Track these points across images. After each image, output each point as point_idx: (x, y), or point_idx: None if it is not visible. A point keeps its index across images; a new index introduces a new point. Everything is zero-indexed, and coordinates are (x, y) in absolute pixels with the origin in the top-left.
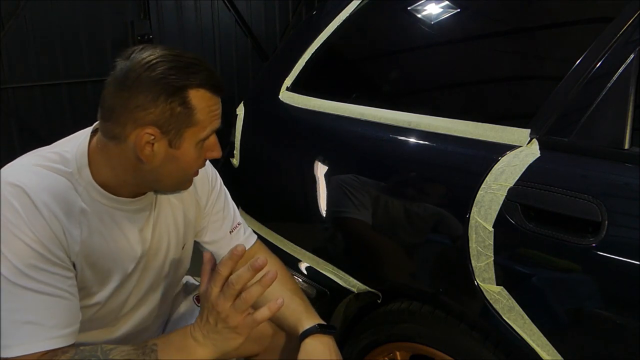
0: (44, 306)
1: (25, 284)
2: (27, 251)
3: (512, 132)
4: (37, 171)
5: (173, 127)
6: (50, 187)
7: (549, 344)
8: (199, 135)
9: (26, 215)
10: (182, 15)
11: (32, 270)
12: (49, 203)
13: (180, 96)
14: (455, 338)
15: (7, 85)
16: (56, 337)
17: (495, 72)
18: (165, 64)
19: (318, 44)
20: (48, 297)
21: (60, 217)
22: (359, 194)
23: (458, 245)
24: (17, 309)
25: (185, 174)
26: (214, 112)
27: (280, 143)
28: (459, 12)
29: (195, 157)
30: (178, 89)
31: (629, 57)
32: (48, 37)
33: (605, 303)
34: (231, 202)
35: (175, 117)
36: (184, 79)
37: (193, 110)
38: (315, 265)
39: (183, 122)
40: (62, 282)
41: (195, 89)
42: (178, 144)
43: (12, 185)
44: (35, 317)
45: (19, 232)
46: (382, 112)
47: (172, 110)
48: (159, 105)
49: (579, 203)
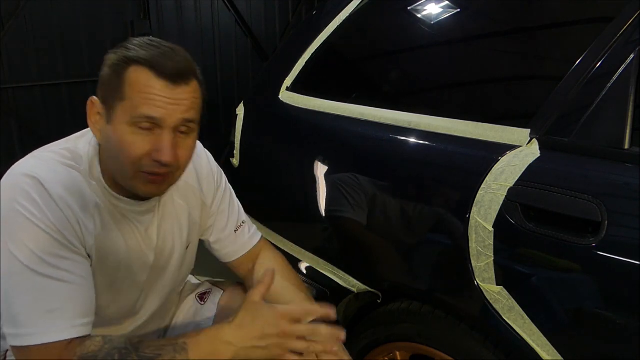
0: (65, 294)
1: (46, 271)
2: (47, 239)
3: (512, 132)
4: (51, 165)
5: (108, 97)
6: (64, 180)
7: (549, 344)
8: (128, 113)
9: (44, 204)
10: (182, 15)
11: (52, 258)
12: (63, 195)
13: (121, 67)
14: (455, 338)
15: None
16: (78, 325)
17: (495, 72)
18: (136, 43)
19: (318, 44)
20: (68, 284)
21: (75, 210)
22: (359, 194)
23: (458, 245)
24: (38, 297)
25: (123, 161)
26: (149, 94)
27: (280, 143)
28: (459, 12)
29: (127, 140)
30: (122, 60)
31: (629, 57)
32: (48, 37)
33: (605, 303)
34: (236, 200)
35: (110, 87)
36: (133, 54)
37: (124, 82)
38: (315, 265)
39: (114, 93)
40: (81, 270)
41: (137, 65)
42: (111, 119)
43: (28, 177)
44: (58, 304)
45: (38, 221)
46: (382, 112)
47: (110, 79)
48: (106, 76)
49: (579, 203)
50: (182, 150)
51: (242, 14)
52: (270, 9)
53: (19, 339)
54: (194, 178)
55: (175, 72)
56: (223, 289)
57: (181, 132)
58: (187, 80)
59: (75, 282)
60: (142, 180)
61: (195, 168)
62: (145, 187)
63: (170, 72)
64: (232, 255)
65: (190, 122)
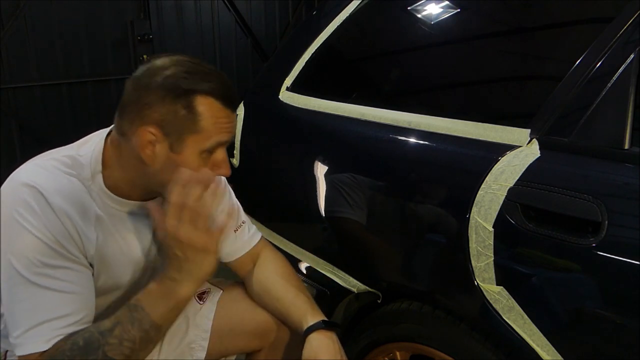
0: (59, 303)
1: (43, 282)
2: (45, 249)
3: (512, 132)
4: (52, 173)
5: (175, 130)
6: (65, 189)
7: (549, 344)
8: (202, 144)
9: (43, 214)
10: (182, 15)
11: (50, 269)
12: (63, 205)
13: (187, 99)
14: (455, 338)
15: (7, 85)
16: (68, 325)
17: (495, 72)
18: (180, 67)
19: (318, 44)
20: (65, 294)
21: (75, 219)
22: (359, 194)
23: (458, 245)
24: (33, 308)
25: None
26: (221, 123)
27: (280, 143)
28: (458, 12)
29: (196, 167)
30: (185, 91)
31: (629, 57)
32: (48, 37)
33: (605, 303)
34: (235, 201)
35: (178, 120)
36: (194, 83)
37: (197, 116)
38: (315, 265)
39: (186, 126)
40: (79, 279)
41: (203, 96)
42: (179, 149)
43: (28, 186)
44: (51, 315)
45: (36, 231)
46: (382, 112)
47: (176, 112)
48: (164, 105)
49: (579, 203)
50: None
51: (242, 14)
52: (270, 9)
53: (15, 348)
54: None
55: (235, 100)
56: (222, 289)
57: None
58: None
59: (71, 291)
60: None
61: None
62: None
63: (233, 101)
64: (232, 255)
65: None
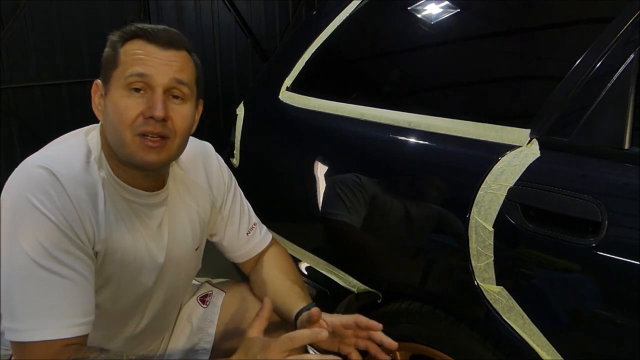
0: (67, 292)
1: (52, 267)
2: (58, 234)
3: (512, 132)
4: (66, 158)
5: (105, 73)
6: (78, 175)
7: (549, 344)
8: (122, 76)
9: (58, 198)
10: (182, 15)
11: (60, 253)
12: (77, 190)
13: (118, 42)
14: (455, 338)
15: (7, 85)
16: (76, 325)
17: (496, 72)
18: (132, 25)
19: (318, 44)
20: (71, 282)
21: (87, 205)
22: (359, 194)
23: (458, 245)
24: (40, 292)
25: (119, 128)
26: (138, 54)
27: (280, 143)
28: (458, 12)
29: (122, 104)
30: (118, 36)
31: (629, 57)
32: (48, 37)
33: (605, 303)
34: (246, 203)
35: (106, 63)
36: (127, 30)
37: (118, 53)
38: (316, 265)
39: (110, 65)
40: (84, 269)
41: (130, 40)
42: (108, 91)
43: (43, 169)
44: (59, 302)
45: (51, 214)
46: (382, 112)
47: (108, 55)
48: (104, 54)
49: (579, 203)
50: (177, 115)
51: (242, 14)
52: (270, 9)
53: (16, 334)
54: (204, 179)
55: (165, 40)
56: (224, 291)
57: (174, 97)
58: (177, 47)
59: (78, 280)
60: (140, 147)
61: (205, 169)
62: (144, 153)
63: (161, 38)
64: (245, 257)
65: (182, 84)
